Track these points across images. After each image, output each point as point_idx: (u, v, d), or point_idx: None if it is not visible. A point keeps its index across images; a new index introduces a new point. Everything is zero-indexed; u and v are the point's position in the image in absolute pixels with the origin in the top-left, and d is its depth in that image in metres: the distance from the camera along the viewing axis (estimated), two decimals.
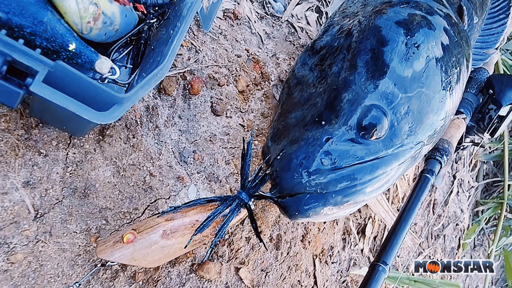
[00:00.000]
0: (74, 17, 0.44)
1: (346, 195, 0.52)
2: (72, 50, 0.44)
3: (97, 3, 0.45)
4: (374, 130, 0.54)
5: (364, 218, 1.14)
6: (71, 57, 0.44)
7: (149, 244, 0.52)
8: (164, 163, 0.63)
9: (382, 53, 0.59)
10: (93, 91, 0.44)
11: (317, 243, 0.91)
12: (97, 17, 0.46)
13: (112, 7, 0.48)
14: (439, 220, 1.56)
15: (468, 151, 1.77)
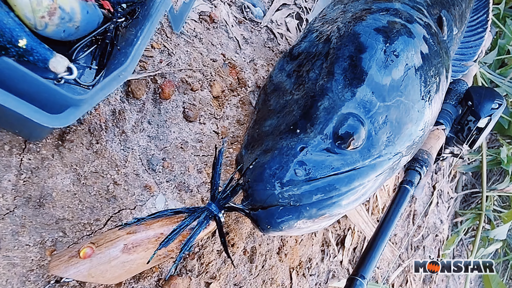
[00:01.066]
0: (26, 10, 0.40)
1: (321, 208, 0.49)
2: (22, 47, 0.40)
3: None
4: (351, 140, 0.51)
5: (344, 229, 1.11)
6: (21, 54, 0.40)
7: (108, 260, 0.48)
8: (130, 171, 0.59)
9: (360, 60, 0.56)
10: (45, 92, 0.40)
11: (294, 255, 0.88)
12: (52, 12, 0.42)
13: (71, 2, 0.44)
14: (419, 231, 1.55)
15: (447, 162, 1.78)
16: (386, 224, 0.68)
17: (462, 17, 1.12)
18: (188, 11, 0.59)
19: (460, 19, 1.08)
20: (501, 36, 1.92)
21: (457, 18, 1.04)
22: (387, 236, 0.69)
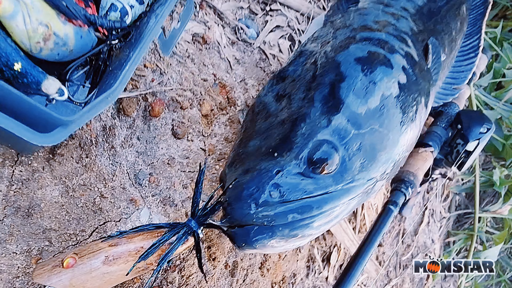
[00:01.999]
0: (22, 37, 0.43)
1: (294, 228, 0.52)
2: (17, 70, 0.43)
3: (48, 24, 0.45)
4: (325, 165, 0.54)
5: (329, 246, 1.13)
6: (16, 76, 0.44)
7: (89, 270, 0.50)
8: (117, 185, 0.62)
9: (338, 88, 0.60)
10: (36, 112, 0.43)
11: (277, 270, 0.90)
12: (47, 38, 0.46)
13: (66, 28, 0.48)
14: (408, 249, 1.57)
15: (440, 182, 1.80)
16: (368, 244, 0.71)
17: (452, 43, 1.15)
18: (177, 37, 0.63)
19: (449, 45, 1.11)
20: (497, 59, 1.95)
21: (446, 44, 1.07)
22: (368, 255, 0.72)
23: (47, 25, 0.45)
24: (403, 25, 0.86)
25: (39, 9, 0.44)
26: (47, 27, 0.45)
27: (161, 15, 0.53)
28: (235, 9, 0.94)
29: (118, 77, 0.49)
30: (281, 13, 1.03)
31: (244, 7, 0.96)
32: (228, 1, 0.93)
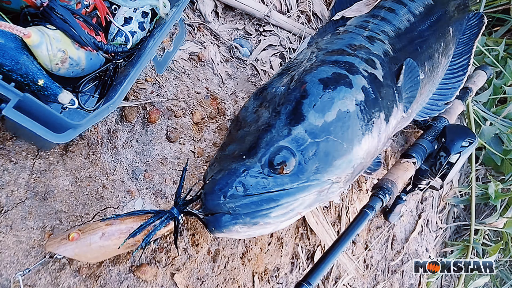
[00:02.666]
0: (45, 60, 0.57)
1: (254, 217, 0.64)
2: (40, 85, 0.57)
3: (65, 50, 0.59)
4: (283, 167, 0.66)
5: (313, 245, 1.24)
6: (39, 89, 0.57)
7: (89, 243, 0.64)
8: (117, 178, 0.76)
9: (301, 104, 0.72)
10: (52, 117, 0.57)
11: (258, 261, 1.01)
12: (64, 60, 0.60)
13: (79, 53, 0.62)
14: (398, 255, 1.65)
15: (437, 193, 1.87)
16: (340, 242, 0.81)
17: (435, 63, 1.25)
18: (171, 58, 0.76)
19: (431, 65, 1.22)
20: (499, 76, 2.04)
21: (426, 65, 1.18)
22: (339, 252, 0.82)
23: (64, 51, 0.59)
24: (376, 48, 0.97)
25: (58, 39, 0.58)
26: (64, 52, 0.59)
27: (156, 41, 0.67)
28: (231, 30, 1.07)
29: (117, 91, 0.63)
30: (274, 33, 1.16)
31: (240, 28, 1.09)
32: (224, 23, 1.06)
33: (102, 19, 0.70)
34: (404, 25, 1.15)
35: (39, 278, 0.66)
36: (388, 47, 1.02)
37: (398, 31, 1.12)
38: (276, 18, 1.14)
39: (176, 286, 0.80)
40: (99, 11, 0.69)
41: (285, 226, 0.75)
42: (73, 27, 0.59)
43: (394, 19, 1.15)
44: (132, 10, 0.74)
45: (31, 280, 0.65)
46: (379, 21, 1.12)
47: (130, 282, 0.74)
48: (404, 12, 1.19)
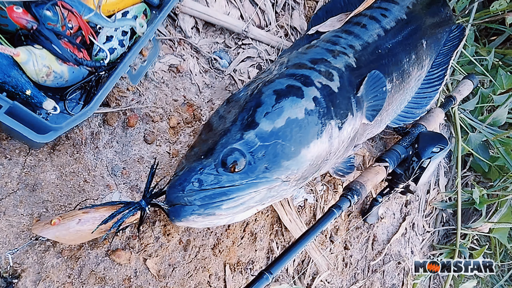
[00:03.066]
0: (32, 74, 0.70)
1: (207, 208, 0.75)
2: (28, 94, 0.69)
3: (49, 66, 0.71)
4: (234, 166, 0.77)
5: (288, 241, 1.34)
6: (27, 98, 0.70)
7: (68, 228, 0.75)
8: (98, 174, 0.88)
9: (255, 112, 0.83)
10: (37, 121, 0.69)
11: (230, 253, 1.12)
12: (49, 74, 0.72)
13: (62, 68, 0.74)
14: (379, 256, 1.72)
15: (424, 197, 1.95)
16: (304, 237, 0.91)
17: (405, 74, 1.34)
18: (144, 71, 0.88)
19: (400, 75, 1.31)
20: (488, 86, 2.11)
21: (394, 76, 1.27)
22: (302, 246, 0.92)
23: (48, 67, 0.71)
24: (338, 61, 1.07)
25: (44, 56, 0.70)
26: (48, 67, 0.71)
27: (128, 57, 0.79)
28: (211, 44, 1.19)
29: (93, 99, 0.75)
30: (253, 46, 1.27)
31: (220, 42, 1.21)
32: (205, 37, 1.18)
33: (86, 38, 0.82)
34: (373, 39, 1.25)
35: (26, 257, 0.78)
36: (352, 61, 1.11)
37: (367, 45, 1.21)
38: (254, 32, 1.25)
39: (148, 270, 0.91)
40: (83, 31, 0.81)
41: (241, 219, 0.85)
42: (56, 46, 0.72)
43: (364, 34, 1.25)
44: (113, 30, 0.86)
45: (20, 258, 0.78)
46: (348, 36, 1.22)
47: (106, 264, 0.86)
48: (375, 28, 1.29)
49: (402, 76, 1.33)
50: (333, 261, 1.51)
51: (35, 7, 0.72)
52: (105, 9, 0.87)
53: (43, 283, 0.80)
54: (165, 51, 1.04)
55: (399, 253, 1.84)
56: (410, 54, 1.37)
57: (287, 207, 1.29)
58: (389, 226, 1.78)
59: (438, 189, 2.11)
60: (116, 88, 0.93)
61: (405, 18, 1.43)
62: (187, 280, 0.99)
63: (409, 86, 1.42)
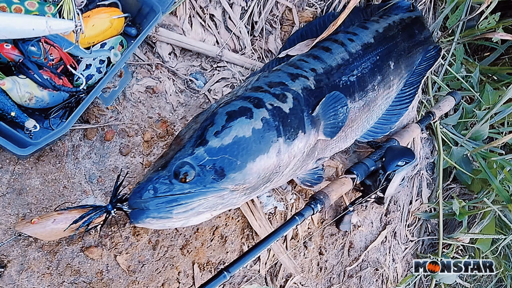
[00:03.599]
0: (16, 99, 0.85)
1: (160, 212, 0.88)
2: (13, 115, 0.85)
3: (31, 92, 0.87)
4: (184, 177, 0.90)
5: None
6: (12, 118, 0.85)
7: (44, 226, 0.90)
8: (77, 181, 1.03)
9: (207, 131, 0.96)
10: (19, 138, 0.84)
11: (199, 254, 1.25)
12: (31, 98, 0.87)
13: (42, 93, 0.90)
14: (355, 262, 1.80)
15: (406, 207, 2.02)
16: (264, 241, 1.04)
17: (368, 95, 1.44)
18: (116, 95, 1.03)
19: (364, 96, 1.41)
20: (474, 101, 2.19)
21: (357, 96, 1.38)
22: (261, 249, 1.05)
23: (30, 93, 0.87)
24: (296, 84, 1.19)
25: (26, 84, 0.86)
26: (30, 93, 0.87)
27: (100, 84, 0.94)
28: (188, 67, 1.33)
29: (68, 119, 0.90)
30: (228, 68, 1.41)
31: (196, 65, 1.35)
32: (182, 61, 1.33)
33: (68, 67, 0.98)
34: (337, 62, 1.37)
35: (12, 250, 0.94)
36: (311, 83, 1.24)
37: (329, 68, 1.34)
38: (228, 56, 1.39)
39: (119, 266, 1.05)
40: (64, 61, 0.97)
41: (196, 222, 0.98)
42: (37, 76, 0.87)
43: (328, 58, 1.37)
44: (92, 59, 1.02)
45: (6, 251, 0.93)
46: (313, 60, 1.35)
47: (80, 259, 1.00)
48: (340, 51, 1.41)
49: (366, 95, 1.44)
50: (307, 265, 1.61)
51: (22, 43, 0.88)
52: (86, 41, 1.03)
53: (25, 273, 0.95)
54: (143, 74, 1.20)
55: (377, 260, 1.92)
56: (375, 75, 1.48)
57: (257, 214, 1.41)
58: (367, 234, 1.86)
59: (421, 200, 2.18)
60: (96, 107, 1.08)
61: (372, 42, 1.54)
62: (156, 275, 1.12)
63: (375, 104, 1.52)
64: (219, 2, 1.38)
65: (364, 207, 1.83)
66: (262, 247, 1.09)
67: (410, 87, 1.78)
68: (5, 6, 0.92)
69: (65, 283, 0.99)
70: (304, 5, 1.67)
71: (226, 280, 0.99)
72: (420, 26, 1.97)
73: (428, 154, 2.15)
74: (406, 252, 2.12)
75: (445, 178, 2.28)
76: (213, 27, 1.37)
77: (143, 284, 1.10)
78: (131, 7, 1.10)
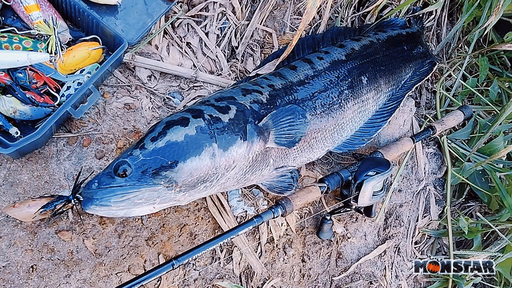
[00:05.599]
0: (3, 111, 1.15)
1: (101, 201, 1.10)
2: (0, 124, 1.15)
3: (15, 107, 1.16)
4: (123, 173, 1.12)
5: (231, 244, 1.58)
6: (0, 126, 1.15)
7: (21, 210, 1.17)
8: (57, 178, 1.30)
9: (146, 137, 1.18)
10: (3, 140, 1.14)
11: (166, 247, 1.44)
12: (15, 111, 1.17)
13: (24, 108, 1.19)
14: (344, 273, 1.83)
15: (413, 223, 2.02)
16: (217, 238, 1.23)
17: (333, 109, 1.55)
18: (85, 109, 1.30)
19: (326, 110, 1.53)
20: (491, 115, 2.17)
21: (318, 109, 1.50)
22: (212, 245, 1.23)
23: (14, 107, 1.16)
24: (246, 99, 1.36)
25: (11, 101, 1.16)
26: (14, 108, 1.16)
27: (69, 100, 1.21)
28: (167, 87, 1.57)
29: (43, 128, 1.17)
30: (204, 87, 1.62)
31: (175, 86, 1.59)
32: (162, 83, 1.57)
33: (53, 89, 1.27)
34: (298, 79, 1.52)
35: (3, 229, 1.22)
36: (263, 97, 1.40)
37: (289, 84, 1.49)
38: (203, 77, 1.60)
39: (87, 248, 1.29)
40: (48, 84, 1.26)
41: (140, 214, 1.18)
42: (20, 95, 1.17)
43: (290, 75, 1.53)
44: (72, 81, 1.30)
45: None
46: (273, 77, 1.51)
47: (55, 240, 1.26)
48: (305, 69, 1.56)
49: (330, 109, 1.54)
50: (288, 270, 1.70)
51: (12, 71, 1.19)
52: (68, 68, 1.32)
53: (13, 247, 1.23)
54: (122, 94, 1.46)
55: (372, 273, 1.92)
56: (342, 91, 1.58)
57: (226, 216, 1.56)
58: (360, 247, 1.87)
59: (429, 217, 2.15)
60: (79, 120, 1.36)
61: (342, 59, 1.66)
62: (121, 261, 1.34)
63: (344, 117, 1.61)
64: (196, 32, 1.62)
65: (355, 218, 1.86)
66: (214, 243, 1.25)
67: (394, 101, 1.83)
68: (8, 45, 1.24)
69: (43, 259, 1.25)
70: (286, 29, 1.84)
71: (172, 269, 1.17)
72: (412, 42, 2.01)
73: (436, 169, 2.13)
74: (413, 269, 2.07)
75: (461, 194, 2.22)
76: (191, 53, 1.61)
77: (109, 266, 1.32)
78: (108, 40, 1.38)
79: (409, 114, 1.98)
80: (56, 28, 1.23)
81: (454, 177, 2.01)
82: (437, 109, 2.14)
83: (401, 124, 1.95)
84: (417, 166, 2.02)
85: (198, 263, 1.51)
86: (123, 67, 1.48)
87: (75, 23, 1.38)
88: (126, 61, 1.45)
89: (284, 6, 1.79)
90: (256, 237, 1.63)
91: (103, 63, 1.28)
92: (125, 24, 1.42)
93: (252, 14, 1.73)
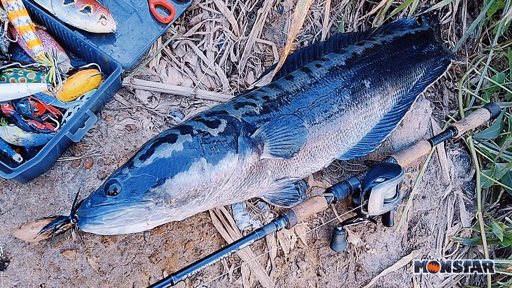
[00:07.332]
0: (6, 139, 1.24)
1: (93, 219, 1.14)
2: (4, 151, 1.23)
3: (17, 135, 1.25)
4: (114, 191, 1.16)
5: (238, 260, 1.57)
6: (4, 154, 1.24)
7: (25, 231, 1.24)
8: (61, 199, 1.37)
9: (136, 155, 1.21)
10: (5, 167, 1.22)
11: (170, 263, 1.46)
12: (17, 139, 1.26)
13: (26, 135, 1.27)
14: (364, 286, 1.76)
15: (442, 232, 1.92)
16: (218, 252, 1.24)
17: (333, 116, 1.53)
18: (83, 133, 1.36)
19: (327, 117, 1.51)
20: None
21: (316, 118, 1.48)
22: (212, 259, 1.25)
23: (16, 135, 1.25)
24: (237, 112, 1.37)
25: (13, 130, 1.25)
26: (16, 136, 1.25)
27: (67, 125, 1.28)
28: (168, 107, 1.62)
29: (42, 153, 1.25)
30: (204, 104, 1.65)
31: (175, 105, 1.63)
32: (164, 102, 1.62)
33: (55, 116, 1.36)
34: (294, 88, 1.51)
35: (14, 250, 1.30)
36: (256, 109, 1.40)
37: (284, 94, 1.48)
38: (203, 94, 1.63)
39: (91, 266, 1.33)
40: (50, 112, 1.35)
41: (134, 231, 1.21)
42: (21, 123, 1.25)
43: (286, 85, 1.53)
44: (72, 107, 1.38)
45: (9, 250, 1.30)
46: (269, 88, 1.52)
47: (60, 259, 1.32)
48: (301, 78, 1.56)
49: (330, 116, 1.52)
50: (303, 285, 1.66)
51: (15, 102, 1.28)
52: (69, 95, 1.40)
53: (22, 267, 1.30)
54: (124, 116, 1.52)
55: (397, 286, 1.82)
56: (343, 97, 1.56)
57: (231, 231, 1.56)
58: (382, 258, 1.78)
59: (460, 224, 2.04)
60: (82, 144, 1.43)
61: (342, 64, 1.63)
62: (125, 278, 1.37)
63: (347, 124, 1.58)
64: (194, 51, 1.66)
65: (373, 228, 1.79)
66: (215, 257, 1.26)
67: (404, 104, 1.77)
68: (14, 79, 1.34)
69: (51, 277, 1.31)
70: (286, 40, 1.84)
71: (172, 285, 1.18)
72: (422, 41, 1.94)
73: (463, 172, 2.01)
74: (447, 283, 1.96)
75: (495, 198, 2.08)
76: (190, 72, 1.65)
77: (114, 284, 1.35)
78: (106, 66, 1.45)
79: (424, 116, 1.89)
80: (56, 59, 1.32)
81: (485, 180, 1.87)
82: (459, 108, 2.03)
83: (416, 127, 1.87)
84: (441, 170, 1.92)
85: (206, 279, 1.51)
86: (123, 90, 1.55)
87: (76, 53, 1.47)
88: (126, 84, 1.51)
89: (282, 18, 1.80)
90: (265, 251, 1.60)
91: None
92: (121, 50, 1.49)
93: (250, 29, 1.75)
